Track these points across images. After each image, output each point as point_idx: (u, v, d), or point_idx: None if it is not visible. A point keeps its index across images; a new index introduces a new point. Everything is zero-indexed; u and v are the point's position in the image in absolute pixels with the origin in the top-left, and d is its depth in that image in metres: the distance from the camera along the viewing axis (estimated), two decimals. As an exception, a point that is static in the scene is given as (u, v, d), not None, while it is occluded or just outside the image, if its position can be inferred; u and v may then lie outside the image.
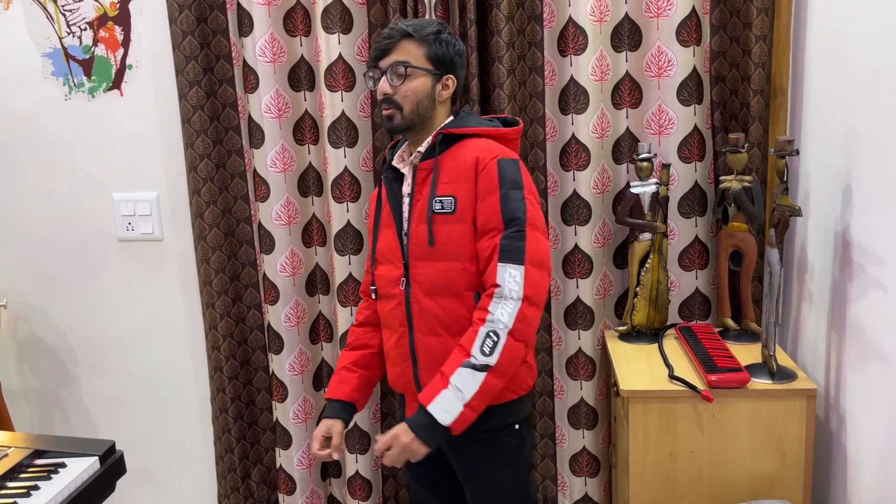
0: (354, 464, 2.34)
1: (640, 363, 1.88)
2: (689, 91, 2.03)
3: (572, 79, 2.04)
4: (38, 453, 1.55)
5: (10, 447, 1.56)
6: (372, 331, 1.83)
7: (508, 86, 2.05)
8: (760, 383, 1.70)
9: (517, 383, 1.67)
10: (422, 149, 1.65)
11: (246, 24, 2.14)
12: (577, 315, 2.16)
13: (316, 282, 2.34)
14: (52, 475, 1.45)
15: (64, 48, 2.38)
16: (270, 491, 2.49)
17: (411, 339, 1.66)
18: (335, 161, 2.17)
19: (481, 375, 1.48)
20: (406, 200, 1.68)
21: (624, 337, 2.07)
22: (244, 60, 2.18)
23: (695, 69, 2.02)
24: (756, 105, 1.96)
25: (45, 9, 2.36)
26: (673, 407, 1.71)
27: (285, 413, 2.35)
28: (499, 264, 1.52)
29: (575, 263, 2.14)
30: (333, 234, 2.21)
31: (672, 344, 1.99)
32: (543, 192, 2.14)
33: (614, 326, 2.19)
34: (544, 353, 2.23)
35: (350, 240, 2.20)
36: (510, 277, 1.50)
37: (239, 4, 2.15)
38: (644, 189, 2.02)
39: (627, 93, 2.08)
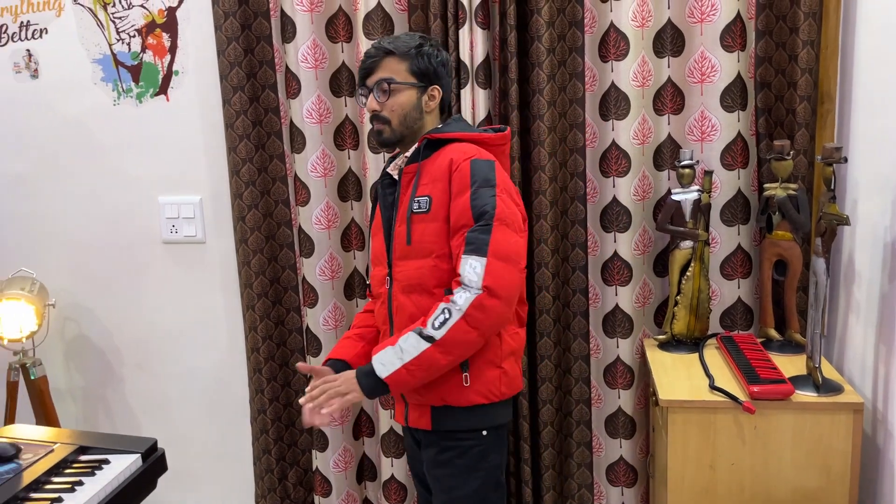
0: (390, 467, 2.35)
1: (680, 373, 1.85)
2: (733, 97, 1.99)
3: (613, 84, 2.03)
4: (83, 450, 1.59)
5: (55, 443, 1.60)
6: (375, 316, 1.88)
7: (548, 91, 2.04)
8: (805, 396, 1.66)
9: (487, 388, 1.66)
10: (408, 154, 1.71)
11: (289, 30, 2.17)
12: (616, 323, 2.14)
13: (354, 286, 2.35)
14: (95, 471, 1.49)
15: (113, 54, 2.44)
16: (307, 493, 2.51)
17: (391, 335, 1.70)
18: (375, 166, 2.18)
19: (424, 344, 1.55)
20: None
21: (664, 346, 2.04)
22: (287, 66, 2.21)
23: (739, 75, 1.98)
24: (802, 111, 1.92)
25: (95, 16, 2.43)
26: (713, 418, 1.68)
27: (322, 416, 2.37)
28: (462, 256, 1.57)
29: (614, 271, 2.12)
30: (372, 238, 2.23)
31: (713, 354, 1.96)
32: (582, 199, 2.13)
33: (654, 335, 2.16)
34: (581, 361, 2.21)
35: (388, 244, 2.21)
36: (470, 269, 1.55)
37: (282, 11, 2.18)
38: (685, 196, 1.99)
39: (669, 99, 2.06)
